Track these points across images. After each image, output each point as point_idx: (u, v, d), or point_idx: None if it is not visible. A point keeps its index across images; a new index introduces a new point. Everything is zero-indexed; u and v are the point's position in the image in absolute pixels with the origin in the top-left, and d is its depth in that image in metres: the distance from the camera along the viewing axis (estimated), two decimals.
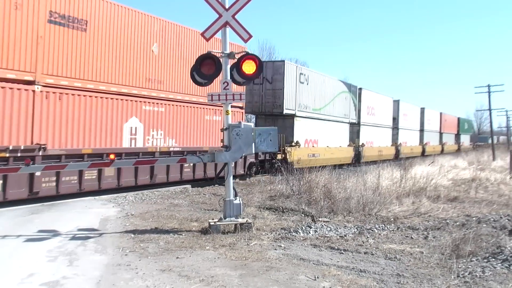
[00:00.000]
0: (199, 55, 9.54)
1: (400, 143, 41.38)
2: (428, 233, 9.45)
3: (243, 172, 20.29)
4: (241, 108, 20.58)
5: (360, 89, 33.36)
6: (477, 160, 33.55)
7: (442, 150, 53.79)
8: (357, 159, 31.65)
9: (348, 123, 31.23)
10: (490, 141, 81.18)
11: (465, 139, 68.63)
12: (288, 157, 22.11)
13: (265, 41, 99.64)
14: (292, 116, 23.92)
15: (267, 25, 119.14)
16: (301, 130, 24.72)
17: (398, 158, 36.94)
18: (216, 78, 9.67)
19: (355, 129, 32.65)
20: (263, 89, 23.44)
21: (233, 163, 10.13)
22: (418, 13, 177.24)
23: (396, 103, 41.52)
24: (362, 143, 33.04)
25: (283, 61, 24.19)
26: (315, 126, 26.37)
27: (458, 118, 64.20)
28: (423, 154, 45.55)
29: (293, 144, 23.32)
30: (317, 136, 26.64)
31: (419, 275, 6.70)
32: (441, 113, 55.02)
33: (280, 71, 23.07)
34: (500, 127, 78.18)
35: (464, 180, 20.01)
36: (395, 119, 40.96)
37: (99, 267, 6.77)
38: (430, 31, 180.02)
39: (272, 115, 23.84)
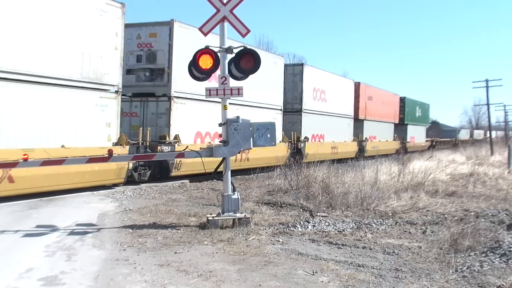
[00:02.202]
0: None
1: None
2: (426, 228, 9.46)
3: None
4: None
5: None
6: (475, 155, 33.58)
7: (362, 151, 33.01)
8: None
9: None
10: (459, 135, 76.73)
11: (417, 133, 48.60)
12: None
13: (262, 36, 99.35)
14: None
15: (264, 20, 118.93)
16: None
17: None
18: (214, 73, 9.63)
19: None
20: None
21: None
22: (414, 7, 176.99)
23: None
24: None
25: None
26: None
27: (402, 99, 44.13)
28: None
29: None
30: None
31: (417, 269, 6.71)
32: (358, 84, 33.77)
33: None
34: (498, 122, 77.75)
35: (462, 174, 20.02)
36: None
37: (97, 262, 6.77)
38: (427, 27, 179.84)
39: None
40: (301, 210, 11.28)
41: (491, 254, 7.32)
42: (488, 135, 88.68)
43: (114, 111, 14.58)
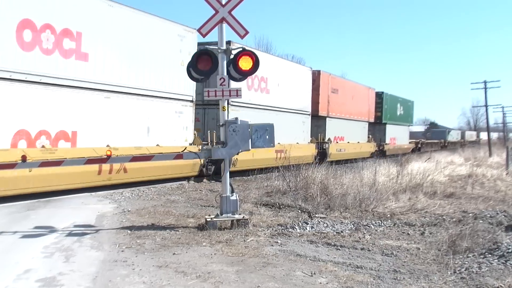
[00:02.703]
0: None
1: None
2: (425, 229, 9.46)
3: None
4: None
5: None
6: (474, 156, 33.64)
7: (323, 155, 26.75)
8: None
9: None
10: (449, 137, 69.14)
11: (398, 134, 42.59)
12: None
13: (261, 38, 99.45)
14: None
15: (263, 21, 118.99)
16: None
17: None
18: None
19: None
20: None
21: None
22: (413, 9, 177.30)
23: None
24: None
25: None
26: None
27: (380, 94, 38.31)
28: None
29: None
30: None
31: (416, 271, 6.71)
32: (317, 72, 27.39)
33: None
34: (496, 123, 77.55)
35: (461, 176, 20.05)
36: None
37: (96, 263, 6.76)
38: (426, 28, 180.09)
39: None
40: (299, 211, 11.28)
41: (490, 255, 7.33)
42: (481, 136, 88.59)
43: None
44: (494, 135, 77.44)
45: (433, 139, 64.70)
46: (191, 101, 17.63)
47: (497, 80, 57.83)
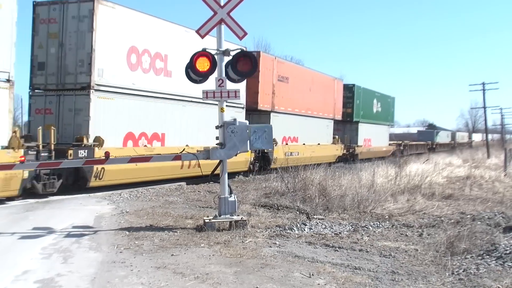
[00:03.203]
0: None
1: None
2: (423, 231, 9.48)
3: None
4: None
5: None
6: (472, 157, 33.68)
7: (266, 160, 22.16)
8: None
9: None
10: (437, 138, 63.79)
11: (374, 134, 36.87)
12: None
13: (260, 39, 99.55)
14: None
15: (261, 22, 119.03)
16: None
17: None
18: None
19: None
20: None
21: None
22: (411, 10, 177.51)
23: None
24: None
25: None
26: None
27: (350, 87, 33.05)
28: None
29: None
30: None
31: (414, 272, 6.72)
32: (256, 54, 21.07)
33: None
34: (494, 125, 77.42)
35: (459, 177, 20.08)
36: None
37: (94, 264, 6.76)
38: (425, 30, 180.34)
39: None
40: (298, 212, 11.28)
41: (487, 256, 7.34)
42: (473, 138, 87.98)
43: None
44: (491, 136, 76.58)
45: (419, 140, 59.40)
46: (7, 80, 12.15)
47: (495, 82, 57.71)
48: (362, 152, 33.61)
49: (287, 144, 23.87)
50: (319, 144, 27.19)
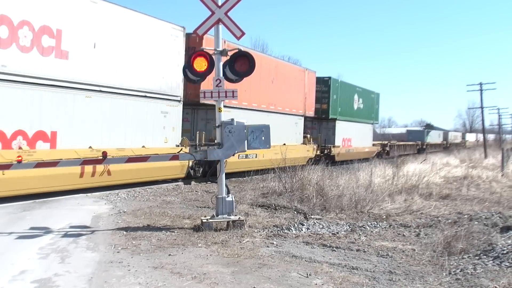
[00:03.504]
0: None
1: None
2: (420, 231, 9.49)
3: None
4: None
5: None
6: (469, 158, 33.75)
7: (210, 166, 15.63)
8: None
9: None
10: (427, 138, 61.06)
11: (355, 133, 33.64)
12: None
13: (258, 39, 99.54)
14: None
15: (259, 22, 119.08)
16: None
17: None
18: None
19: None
20: None
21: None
22: (409, 10, 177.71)
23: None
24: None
25: None
26: None
27: (326, 81, 29.57)
28: None
29: None
30: None
31: (411, 272, 6.74)
32: (197, 38, 16.95)
33: None
34: (492, 125, 77.45)
35: (456, 177, 20.13)
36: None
37: (91, 264, 6.75)
38: (423, 30, 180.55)
39: None
40: (295, 212, 11.29)
41: (485, 256, 7.36)
42: (466, 138, 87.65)
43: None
44: (488, 137, 76.20)
45: (409, 140, 56.29)
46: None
47: (492, 82, 57.96)
48: (340, 153, 30.35)
49: None
50: (284, 144, 22.46)
